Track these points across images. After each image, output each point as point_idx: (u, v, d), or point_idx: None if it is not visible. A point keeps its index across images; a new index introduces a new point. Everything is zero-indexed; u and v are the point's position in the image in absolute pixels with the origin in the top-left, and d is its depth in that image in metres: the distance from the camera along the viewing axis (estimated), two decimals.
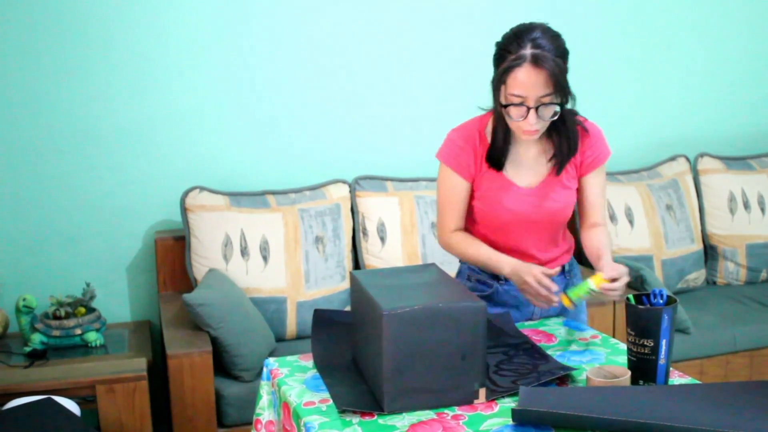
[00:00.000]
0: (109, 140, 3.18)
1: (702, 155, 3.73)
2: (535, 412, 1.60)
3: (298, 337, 3.14)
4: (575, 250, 2.30)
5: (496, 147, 2.09)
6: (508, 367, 1.89)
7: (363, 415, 1.70)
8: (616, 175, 3.59)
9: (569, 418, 1.58)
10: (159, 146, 3.24)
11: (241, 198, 3.17)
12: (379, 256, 3.25)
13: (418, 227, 3.27)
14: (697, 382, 1.90)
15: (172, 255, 3.19)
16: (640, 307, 1.78)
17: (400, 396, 1.69)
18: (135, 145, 3.21)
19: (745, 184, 3.68)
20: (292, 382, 1.89)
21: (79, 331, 2.92)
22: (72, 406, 2.45)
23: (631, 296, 1.84)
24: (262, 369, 2.03)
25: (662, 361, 1.77)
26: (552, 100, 1.95)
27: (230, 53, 3.26)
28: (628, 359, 1.82)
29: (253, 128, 3.34)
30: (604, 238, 2.10)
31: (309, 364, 1.99)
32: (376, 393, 1.74)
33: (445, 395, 1.72)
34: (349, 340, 2.02)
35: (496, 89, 1.99)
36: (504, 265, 2.09)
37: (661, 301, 1.81)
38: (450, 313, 1.69)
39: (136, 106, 3.19)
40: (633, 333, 1.79)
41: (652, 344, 1.76)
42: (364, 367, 1.86)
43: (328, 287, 3.16)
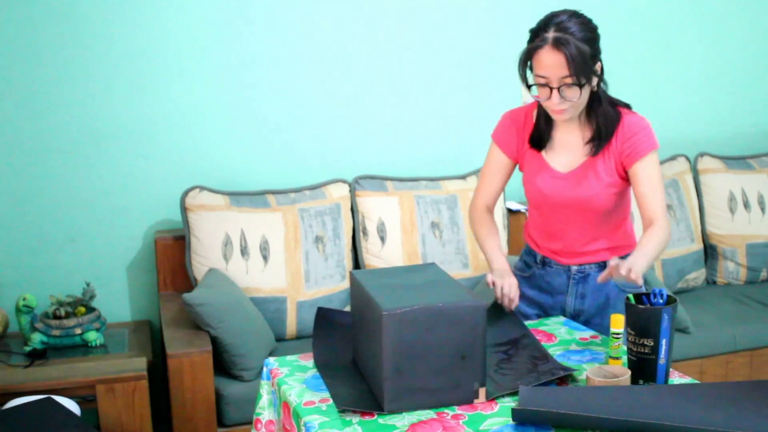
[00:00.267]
0: (109, 140, 3.18)
1: (702, 155, 3.73)
2: (535, 412, 1.61)
3: (298, 337, 3.14)
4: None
5: (538, 128, 2.19)
6: (508, 366, 1.89)
7: (363, 414, 1.70)
8: None
9: (569, 417, 1.58)
10: (159, 146, 3.24)
11: (241, 197, 3.17)
12: (379, 256, 3.25)
13: (418, 227, 3.27)
14: (697, 381, 1.90)
15: (172, 254, 3.19)
16: (640, 306, 1.79)
17: (400, 396, 1.69)
18: (135, 145, 3.21)
19: (745, 184, 3.68)
20: (292, 382, 1.89)
21: (79, 331, 2.92)
22: (72, 406, 2.45)
23: (631, 296, 1.84)
24: (262, 368, 2.03)
25: (662, 360, 1.77)
26: (573, 82, 2.00)
27: (230, 53, 3.26)
28: (628, 359, 1.82)
29: (253, 128, 3.34)
30: (645, 238, 2.04)
31: (309, 363, 1.99)
32: (376, 393, 1.74)
33: (445, 395, 1.72)
34: (350, 341, 2.02)
35: (523, 70, 2.07)
36: (493, 263, 2.22)
37: (661, 301, 1.81)
38: (450, 313, 1.69)
39: (136, 106, 3.19)
40: (633, 333, 1.79)
41: (652, 344, 1.76)
42: (364, 367, 1.85)
43: (328, 287, 3.16)
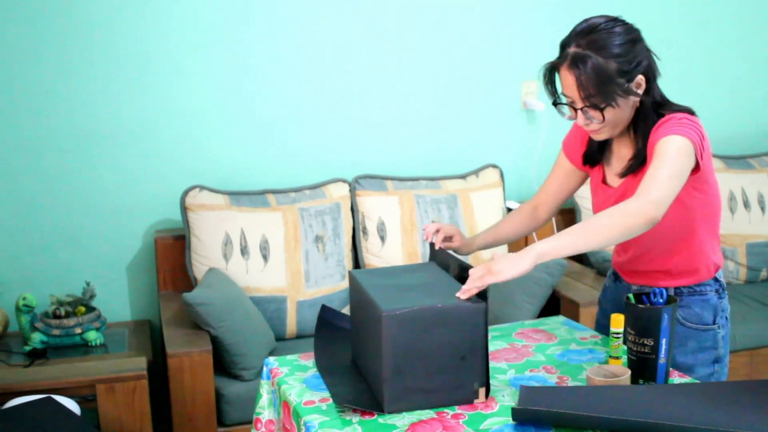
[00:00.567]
0: (109, 139, 3.18)
1: None
2: (535, 411, 1.61)
3: (298, 336, 3.14)
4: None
5: (591, 143, 2.04)
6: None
7: (363, 414, 1.69)
8: None
9: (569, 417, 1.58)
10: (159, 145, 3.24)
11: (241, 197, 3.17)
12: (379, 255, 3.25)
13: (419, 226, 3.27)
14: (697, 381, 1.90)
15: (172, 254, 3.19)
16: (640, 306, 1.78)
17: (400, 396, 1.69)
18: (135, 145, 3.21)
19: (745, 183, 3.68)
20: (292, 381, 1.89)
21: (79, 330, 2.92)
22: (72, 405, 2.46)
23: (631, 295, 1.84)
24: (262, 368, 2.03)
25: (662, 360, 1.77)
26: (593, 103, 1.84)
27: (230, 53, 3.26)
28: (628, 358, 1.82)
29: (253, 127, 3.34)
30: (608, 209, 1.76)
31: (309, 363, 1.99)
32: (376, 393, 1.74)
33: (445, 395, 1.72)
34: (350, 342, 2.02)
35: (548, 87, 1.94)
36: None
37: (661, 301, 1.81)
38: (449, 314, 1.68)
39: (137, 106, 3.19)
40: (633, 332, 1.79)
41: (652, 343, 1.76)
42: (364, 368, 1.85)
43: (328, 286, 3.16)
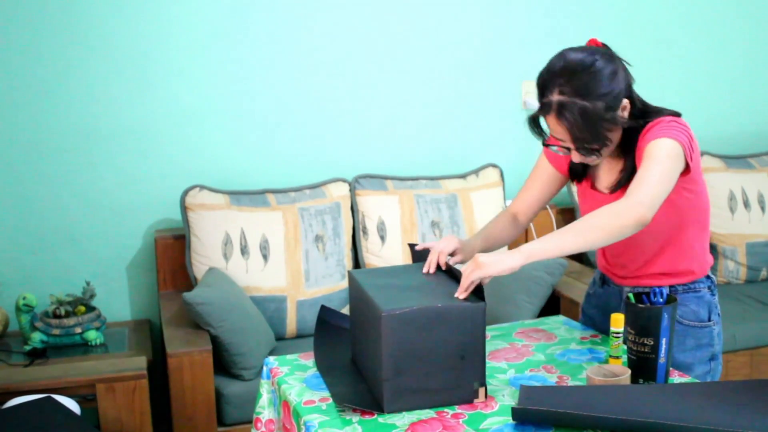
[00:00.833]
0: (109, 139, 3.18)
1: (702, 154, 3.73)
2: (535, 411, 1.61)
3: (298, 336, 3.14)
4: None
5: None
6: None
7: (363, 413, 1.69)
8: None
9: (569, 416, 1.58)
10: (159, 145, 3.24)
11: (241, 197, 3.17)
12: (379, 255, 3.25)
13: (418, 226, 3.27)
14: (697, 381, 1.90)
15: (172, 254, 3.19)
16: (640, 305, 1.78)
17: (400, 396, 1.69)
18: (135, 144, 3.21)
19: (745, 183, 3.68)
20: (292, 381, 1.89)
21: (79, 330, 2.92)
22: (72, 405, 2.45)
23: (631, 295, 1.84)
24: (262, 368, 2.03)
25: (662, 359, 1.77)
26: (588, 146, 1.83)
27: (231, 52, 3.26)
28: (628, 358, 1.82)
29: (254, 127, 3.34)
30: (597, 210, 1.75)
31: (309, 362, 1.99)
32: (376, 393, 1.74)
33: (445, 395, 1.72)
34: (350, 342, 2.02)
35: (535, 131, 1.89)
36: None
37: (661, 300, 1.81)
38: (449, 314, 1.68)
39: (137, 105, 3.19)
40: (633, 332, 1.79)
41: (652, 343, 1.76)
42: (364, 368, 1.85)
43: (328, 286, 3.16)
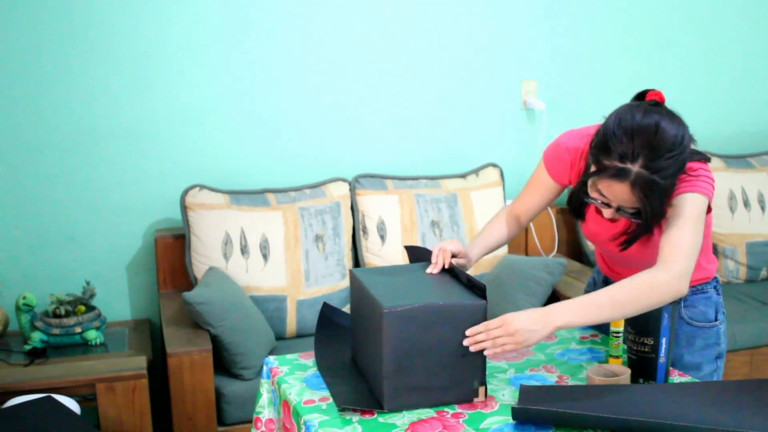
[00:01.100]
0: (109, 138, 3.18)
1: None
2: (535, 411, 1.61)
3: (298, 336, 3.14)
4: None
5: (577, 195, 1.92)
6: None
7: (363, 413, 1.70)
8: None
9: (569, 416, 1.58)
10: (159, 145, 3.24)
11: (241, 196, 3.17)
12: (379, 255, 3.25)
13: (418, 225, 3.27)
14: (697, 380, 1.90)
15: (172, 253, 3.19)
16: None
17: (400, 394, 1.69)
18: (135, 144, 3.21)
19: (745, 183, 3.68)
20: (292, 381, 1.89)
21: (79, 330, 2.92)
22: (72, 405, 2.45)
23: None
24: (262, 367, 2.03)
25: (662, 359, 1.77)
26: (644, 213, 1.75)
27: (231, 52, 3.26)
28: (628, 357, 1.82)
29: (254, 126, 3.34)
30: (633, 279, 1.71)
31: (309, 362, 1.99)
32: (376, 391, 1.74)
33: (445, 393, 1.72)
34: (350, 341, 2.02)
35: (587, 174, 1.80)
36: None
37: None
38: (450, 311, 1.68)
39: (137, 105, 3.19)
40: (633, 331, 1.79)
41: (652, 343, 1.76)
42: (364, 366, 1.85)
43: (328, 285, 3.16)
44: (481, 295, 1.72)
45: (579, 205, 1.95)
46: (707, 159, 1.84)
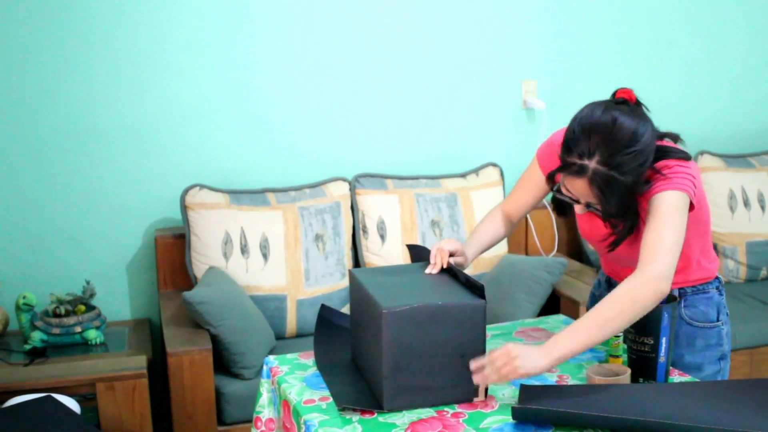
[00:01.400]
0: (109, 138, 3.18)
1: (702, 153, 3.73)
2: (535, 410, 1.61)
3: (299, 335, 3.14)
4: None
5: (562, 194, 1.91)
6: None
7: (363, 413, 1.70)
8: None
9: (569, 415, 1.58)
10: (159, 144, 3.24)
11: (241, 196, 3.17)
12: (379, 254, 3.25)
13: (418, 225, 3.27)
14: (697, 380, 1.90)
15: (172, 253, 3.19)
16: None
17: (400, 394, 1.69)
18: (135, 143, 3.21)
19: (745, 182, 3.68)
20: (292, 380, 1.89)
21: (79, 329, 2.92)
22: (72, 404, 2.45)
23: None
24: (262, 367, 2.03)
25: (662, 359, 1.77)
26: (610, 216, 1.79)
27: (231, 51, 3.26)
28: (628, 357, 1.82)
29: (254, 126, 3.34)
30: (613, 293, 1.72)
31: (309, 361, 1.99)
32: (375, 391, 1.74)
33: (445, 393, 1.72)
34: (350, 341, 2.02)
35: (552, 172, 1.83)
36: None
37: (662, 299, 1.81)
38: (449, 311, 1.68)
39: (137, 104, 3.19)
40: (633, 331, 1.79)
41: (652, 342, 1.76)
42: (364, 366, 1.85)
43: (328, 285, 3.16)
44: (480, 295, 1.72)
45: (560, 200, 1.96)
46: (687, 157, 1.84)
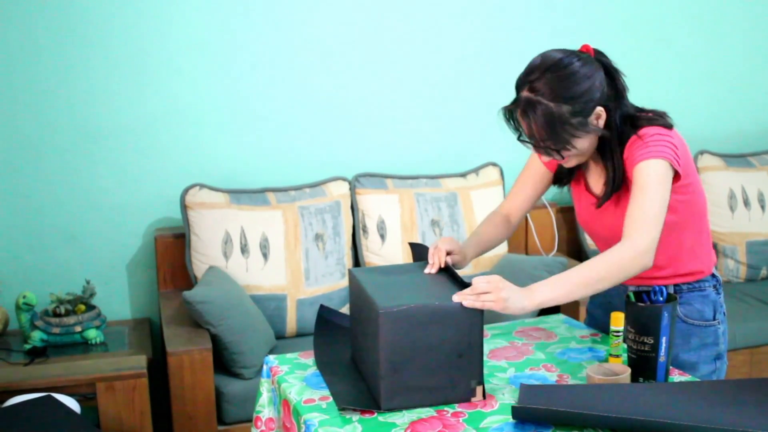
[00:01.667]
0: (109, 138, 3.18)
1: (702, 152, 3.73)
2: (535, 410, 1.60)
3: (299, 335, 3.14)
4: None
5: (560, 167, 1.99)
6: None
7: (363, 412, 1.69)
8: None
9: (569, 415, 1.58)
10: (159, 144, 3.24)
11: (241, 195, 3.17)
12: (379, 254, 3.25)
13: (418, 225, 3.27)
14: (697, 379, 1.90)
15: (172, 252, 3.19)
16: (640, 304, 1.78)
17: (397, 394, 1.69)
18: (135, 143, 3.21)
19: (745, 182, 3.68)
20: (292, 380, 1.89)
21: (79, 329, 2.92)
22: (72, 404, 2.46)
23: (631, 293, 1.84)
24: (262, 366, 2.03)
25: (662, 358, 1.77)
26: (552, 146, 1.83)
27: (230, 51, 3.26)
28: (628, 357, 1.82)
29: (254, 125, 3.34)
30: (602, 257, 1.77)
31: (309, 361, 1.99)
32: (373, 391, 1.74)
33: (442, 393, 1.72)
34: (350, 341, 2.02)
35: (511, 125, 1.90)
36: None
37: (661, 299, 1.81)
38: (446, 312, 1.68)
39: (137, 104, 3.19)
40: (633, 330, 1.79)
41: (652, 342, 1.76)
42: (362, 365, 1.85)
43: (328, 284, 3.16)
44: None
45: (558, 173, 2.02)
46: (669, 126, 1.86)
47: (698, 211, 1.98)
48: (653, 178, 1.78)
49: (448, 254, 1.96)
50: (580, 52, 1.88)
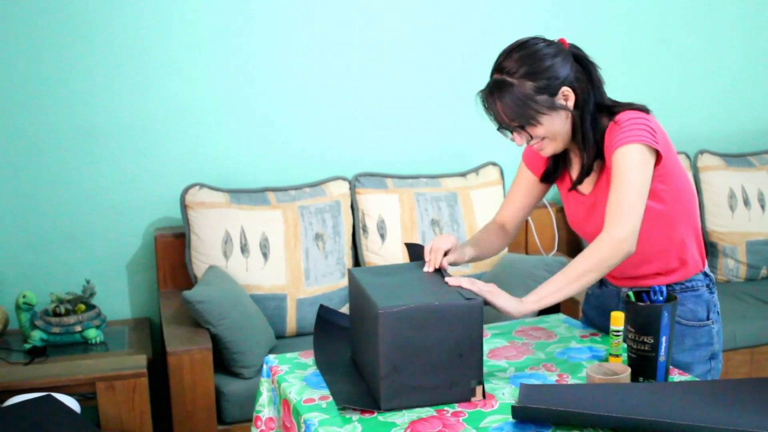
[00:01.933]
0: (109, 137, 3.18)
1: (702, 152, 3.73)
2: (535, 409, 1.60)
3: (299, 334, 3.14)
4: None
5: (548, 162, 2.02)
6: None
7: (363, 412, 1.70)
8: None
9: (569, 415, 1.58)
10: (159, 143, 3.24)
11: (241, 195, 3.17)
12: (379, 253, 3.25)
13: (418, 224, 3.27)
14: (697, 379, 1.90)
15: (172, 252, 3.19)
16: (640, 304, 1.78)
17: (397, 394, 1.69)
18: (135, 142, 3.21)
19: (745, 181, 3.68)
20: (292, 379, 1.89)
21: (79, 328, 2.92)
22: (72, 403, 2.46)
23: (631, 293, 1.84)
24: (262, 366, 2.03)
25: (662, 358, 1.77)
26: (516, 125, 1.85)
27: (230, 50, 3.26)
28: (628, 356, 1.82)
29: (254, 125, 3.34)
30: (585, 253, 1.81)
31: (309, 361, 1.99)
32: (373, 391, 1.74)
33: (442, 393, 1.72)
34: (350, 341, 2.02)
35: (488, 113, 1.92)
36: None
37: (661, 298, 1.81)
38: (446, 311, 1.68)
39: (137, 103, 3.19)
40: (633, 330, 1.79)
41: (652, 341, 1.76)
42: (362, 365, 1.86)
43: (328, 284, 3.16)
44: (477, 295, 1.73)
45: (547, 171, 2.04)
46: (646, 110, 1.90)
47: (686, 203, 1.96)
48: (629, 165, 1.80)
49: (446, 253, 1.96)
50: (551, 40, 1.92)
